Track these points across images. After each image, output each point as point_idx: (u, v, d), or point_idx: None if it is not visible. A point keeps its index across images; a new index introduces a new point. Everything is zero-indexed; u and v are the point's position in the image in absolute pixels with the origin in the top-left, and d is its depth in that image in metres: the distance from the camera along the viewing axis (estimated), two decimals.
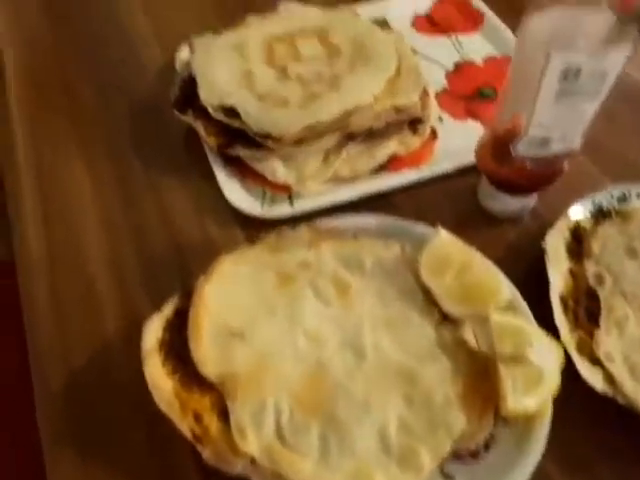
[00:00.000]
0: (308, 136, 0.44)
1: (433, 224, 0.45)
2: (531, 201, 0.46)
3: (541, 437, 0.33)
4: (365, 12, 0.61)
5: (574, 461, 0.35)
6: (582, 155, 0.52)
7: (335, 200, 0.45)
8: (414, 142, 0.49)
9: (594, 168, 0.51)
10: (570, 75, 0.34)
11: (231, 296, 0.35)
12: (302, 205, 0.44)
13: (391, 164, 0.49)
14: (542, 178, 0.43)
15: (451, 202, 0.48)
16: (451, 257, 0.37)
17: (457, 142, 0.50)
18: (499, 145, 0.41)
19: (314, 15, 0.54)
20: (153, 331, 0.32)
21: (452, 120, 0.53)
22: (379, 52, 0.49)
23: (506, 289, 0.37)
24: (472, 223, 0.47)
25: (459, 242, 0.38)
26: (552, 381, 0.33)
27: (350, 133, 0.46)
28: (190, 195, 0.46)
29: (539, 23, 0.34)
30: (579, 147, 0.41)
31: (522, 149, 0.39)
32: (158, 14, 0.63)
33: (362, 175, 0.47)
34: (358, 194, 0.46)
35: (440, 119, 0.53)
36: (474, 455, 0.33)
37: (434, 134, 0.51)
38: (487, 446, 0.33)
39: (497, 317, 0.35)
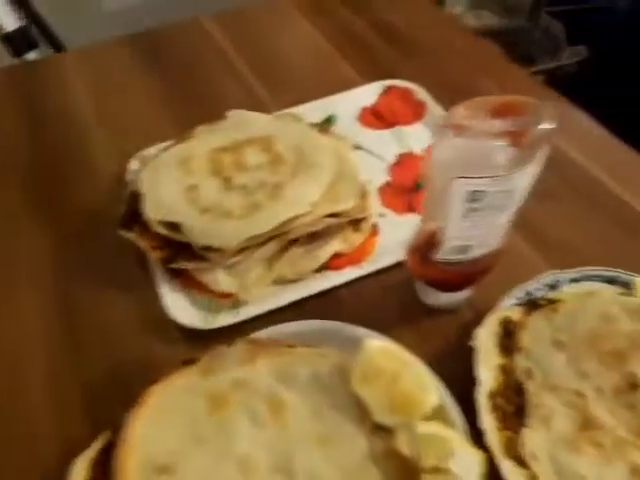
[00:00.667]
0: (250, 245, 0.47)
1: (375, 319, 0.47)
2: (465, 293, 0.48)
3: None
4: (313, 109, 0.66)
5: None
6: (522, 241, 0.55)
7: (279, 303, 0.48)
8: (356, 239, 0.52)
9: (534, 254, 0.54)
10: (475, 197, 0.37)
11: (160, 429, 0.36)
12: (247, 312, 0.47)
13: (334, 261, 0.51)
14: (470, 277, 0.45)
15: (392, 295, 0.51)
16: (381, 367, 0.39)
17: (398, 236, 0.52)
18: (423, 250, 0.44)
19: (260, 122, 0.58)
20: (79, 473, 0.34)
21: (394, 215, 0.56)
22: (318, 159, 0.53)
23: (433, 398, 0.38)
24: (412, 315, 0.49)
25: (390, 349, 0.40)
26: None
27: (291, 238, 0.49)
28: (136, 310, 0.48)
29: (444, 149, 0.37)
30: (502, 246, 0.43)
31: (442, 256, 0.42)
32: (113, 125, 0.68)
33: (306, 275, 0.50)
34: (301, 295, 0.48)
35: (382, 215, 0.56)
36: None
37: (375, 230, 0.54)
38: None
39: (422, 427, 0.37)
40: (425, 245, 0.43)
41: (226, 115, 0.59)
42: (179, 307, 0.47)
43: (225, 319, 0.46)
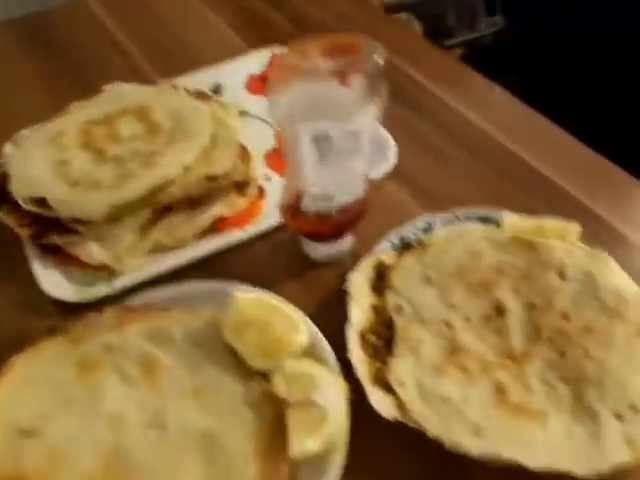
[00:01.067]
0: (119, 214, 0.46)
1: (261, 278, 0.48)
2: (346, 244, 0.49)
3: (334, 470, 0.35)
4: (200, 79, 0.65)
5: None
6: (401, 189, 0.56)
7: (158, 271, 0.47)
8: (241, 203, 0.52)
9: (412, 201, 0.55)
10: (322, 141, 0.38)
11: (25, 396, 0.36)
12: (123, 282, 0.46)
13: (219, 225, 0.51)
14: (341, 226, 0.46)
15: (278, 254, 0.51)
16: (251, 316, 0.40)
17: None
18: (294, 206, 0.44)
19: (137, 94, 0.57)
20: None
21: (279, 177, 0.56)
22: (196, 126, 0.52)
23: (303, 337, 0.39)
24: (297, 271, 0.50)
25: (259, 298, 0.41)
26: (337, 419, 0.35)
27: (166, 205, 0.48)
28: (13, 287, 0.47)
29: (283, 100, 0.38)
30: (365, 193, 0.45)
31: (309, 206, 0.42)
32: None
33: (186, 241, 0.49)
34: (181, 262, 0.48)
35: (268, 178, 0.56)
36: None
37: (262, 193, 0.54)
38: None
39: (290, 365, 0.37)
40: (295, 200, 0.44)
41: (103, 89, 0.58)
42: (53, 282, 0.45)
43: (100, 291, 0.45)
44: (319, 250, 0.49)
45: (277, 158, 0.58)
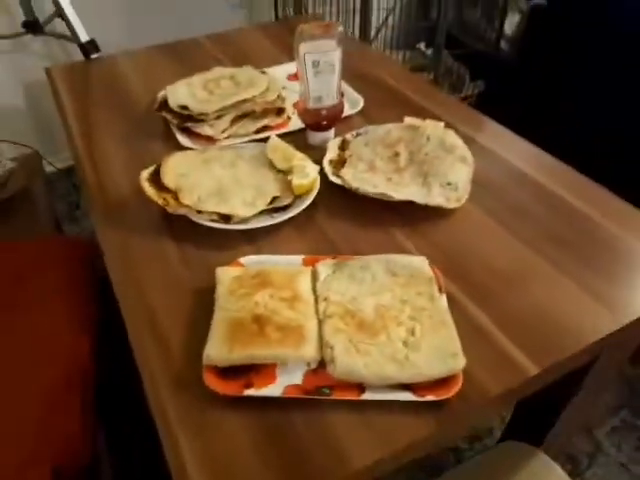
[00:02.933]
0: (221, 114, 0.97)
1: None
2: (330, 134, 0.98)
3: (309, 199, 0.82)
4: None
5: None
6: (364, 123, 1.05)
7: (235, 142, 0.97)
8: (277, 120, 1.02)
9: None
10: (315, 64, 0.88)
11: (179, 165, 0.85)
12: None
13: (266, 128, 1.01)
14: (328, 118, 0.95)
15: (296, 143, 0.99)
16: (279, 145, 0.88)
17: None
18: (304, 106, 0.94)
19: (227, 69, 1.10)
20: (145, 175, 0.82)
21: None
22: (258, 81, 1.04)
23: (302, 155, 0.87)
24: (304, 151, 0.98)
25: (283, 142, 0.89)
26: (314, 178, 0.83)
27: (244, 113, 0.99)
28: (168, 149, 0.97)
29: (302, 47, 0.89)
30: (340, 100, 0.94)
31: (311, 105, 0.92)
32: (146, 76, 1.20)
33: (249, 134, 0.99)
34: (246, 139, 0.98)
35: (294, 113, 1.06)
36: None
37: (289, 118, 1.04)
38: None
39: (296, 161, 0.85)
40: (304, 104, 0.93)
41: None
42: (186, 142, 0.95)
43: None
44: (317, 137, 0.97)
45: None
